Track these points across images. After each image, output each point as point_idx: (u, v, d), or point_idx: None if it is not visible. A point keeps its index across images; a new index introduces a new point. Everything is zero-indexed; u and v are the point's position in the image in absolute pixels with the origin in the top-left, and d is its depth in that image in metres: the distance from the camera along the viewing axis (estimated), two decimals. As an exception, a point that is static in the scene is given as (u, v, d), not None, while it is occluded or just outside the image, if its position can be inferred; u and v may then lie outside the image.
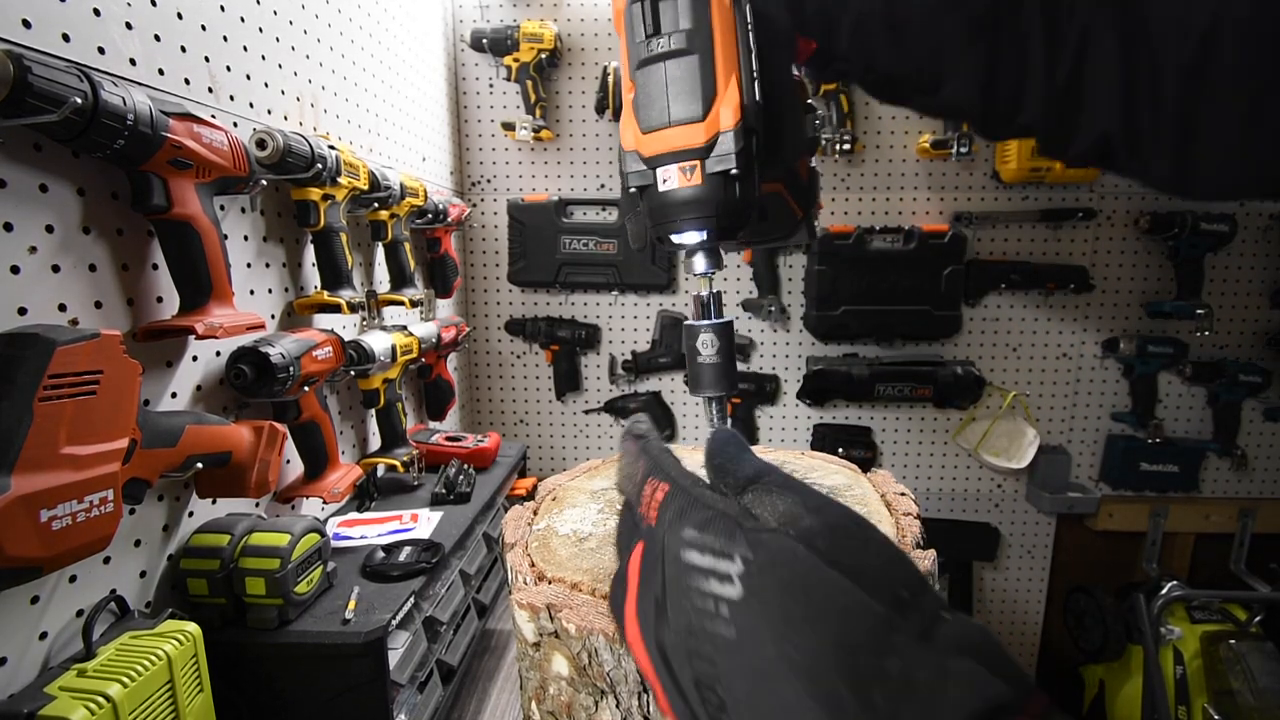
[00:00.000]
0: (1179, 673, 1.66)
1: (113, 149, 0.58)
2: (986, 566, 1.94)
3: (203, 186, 0.69)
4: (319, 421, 0.89)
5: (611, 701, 0.44)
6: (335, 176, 0.92)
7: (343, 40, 1.11)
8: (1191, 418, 1.84)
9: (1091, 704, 1.87)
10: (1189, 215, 1.66)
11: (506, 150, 1.78)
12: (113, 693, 0.49)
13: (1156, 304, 1.76)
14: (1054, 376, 1.83)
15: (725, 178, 0.43)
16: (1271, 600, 1.70)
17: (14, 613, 0.55)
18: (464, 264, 1.80)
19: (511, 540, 0.55)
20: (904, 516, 0.56)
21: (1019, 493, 1.89)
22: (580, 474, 0.70)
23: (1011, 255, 1.76)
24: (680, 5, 0.42)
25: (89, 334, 0.52)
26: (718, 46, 0.42)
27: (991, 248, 1.77)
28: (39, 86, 0.50)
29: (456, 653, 0.92)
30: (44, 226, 0.58)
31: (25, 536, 0.47)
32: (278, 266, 0.94)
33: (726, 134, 0.42)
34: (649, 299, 1.81)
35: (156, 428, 0.62)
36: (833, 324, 1.74)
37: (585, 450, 1.91)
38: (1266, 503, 1.85)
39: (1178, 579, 1.74)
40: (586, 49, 1.71)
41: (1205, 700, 1.63)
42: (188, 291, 0.70)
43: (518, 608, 0.46)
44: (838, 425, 1.86)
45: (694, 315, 0.48)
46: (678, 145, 0.43)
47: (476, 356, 1.88)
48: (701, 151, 0.43)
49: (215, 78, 0.80)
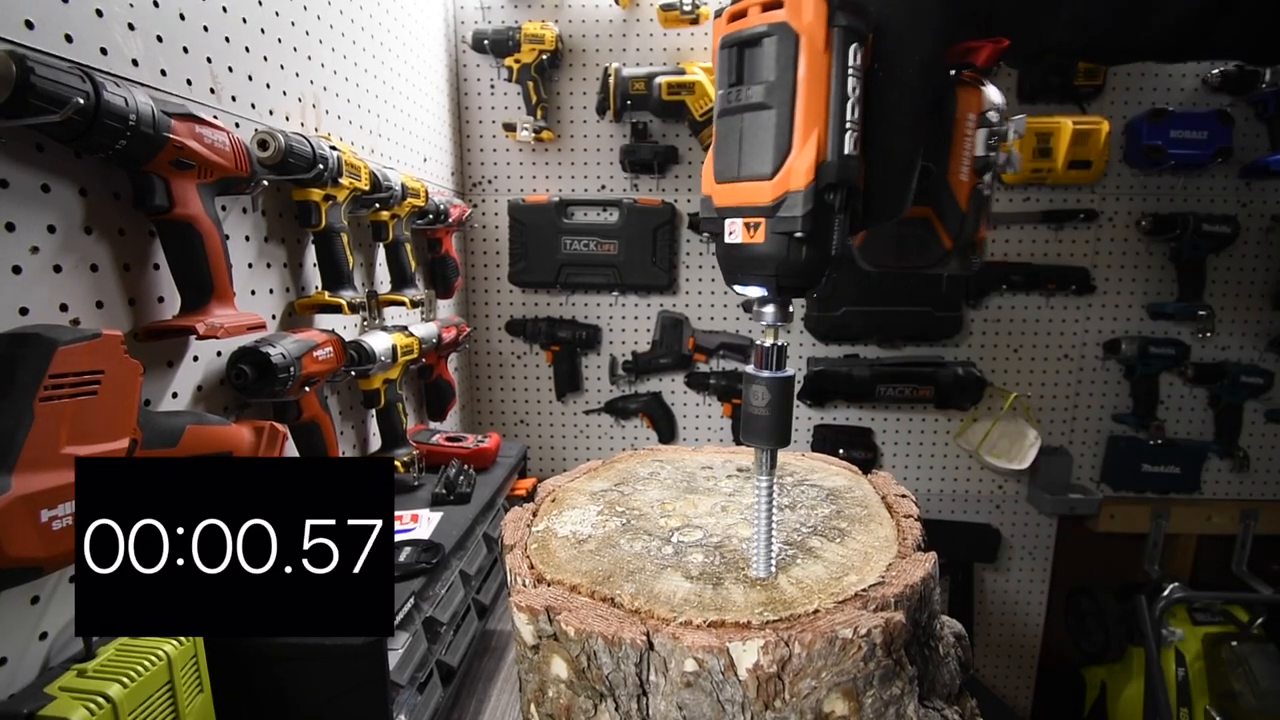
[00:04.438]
0: (1181, 674, 1.66)
1: (115, 149, 0.58)
2: (988, 568, 1.94)
3: (204, 187, 0.69)
4: (319, 422, 0.89)
5: (610, 705, 0.44)
6: (337, 177, 0.92)
7: (344, 41, 1.11)
8: (1193, 419, 1.84)
9: (1093, 706, 1.87)
10: (1190, 217, 1.66)
11: (507, 151, 1.78)
12: (113, 693, 0.49)
13: (1158, 305, 1.76)
14: (1055, 378, 1.83)
15: (790, 239, 0.41)
16: (1273, 602, 1.70)
17: (14, 613, 0.55)
18: (465, 264, 1.80)
19: (510, 542, 0.55)
20: (905, 518, 0.56)
21: (1020, 494, 1.89)
22: (580, 475, 0.70)
23: (1013, 256, 1.76)
24: (765, 55, 0.40)
25: (90, 334, 0.52)
26: (800, 99, 0.39)
27: (993, 249, 1.77)
28: (41, 87, 0.50)
29: (456, 653, 0.92)
30: (46, 226, 0.58)
31: (26, 536, 0.47)
32: (279, 267, 0.94)
33: (795, 195, 0.40)
34: (650, 300, 1.81)
35: (157, 428, 0.62)
36: (833, 324, 1.74)
37: (586, 451, 1.91)
38: (1268, 504, 1.85)
39: (1179, 581, 1.74)
40: (588, 50, 1.71)
41: (1207, 702, 1.62)
42: (189, 292, 0.70)
43: (516, 610, 0.46)
44: (838, 426, 1.85)
45: (754, 364, 0.46)
46: (745, 200, 0.42)
47: (477, 357, 1.88)
48: (767, 210, 0.41)
49: (217, 78, 0.80)
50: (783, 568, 0.49)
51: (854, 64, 0.40)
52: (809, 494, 0.63)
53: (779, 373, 0.45)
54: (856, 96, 0.40)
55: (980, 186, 0.52)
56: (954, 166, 0.52)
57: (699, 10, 1.58)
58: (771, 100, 0.40)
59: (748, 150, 0.41)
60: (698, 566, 0.50)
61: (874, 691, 0.41)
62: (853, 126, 0.40)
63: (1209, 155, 1.64)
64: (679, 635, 0.41)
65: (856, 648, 0.40)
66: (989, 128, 0.50)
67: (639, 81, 1.61)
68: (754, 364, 0.46)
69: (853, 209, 0.43)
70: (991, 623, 1.97)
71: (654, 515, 0.59)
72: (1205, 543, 1.90)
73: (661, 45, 1.70)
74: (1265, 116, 1.66)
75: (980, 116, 0.51)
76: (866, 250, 0.60)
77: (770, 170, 0.40)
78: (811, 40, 0.39)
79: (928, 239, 0.53)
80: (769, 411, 0.45)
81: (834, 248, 0.42)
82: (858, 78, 0.40)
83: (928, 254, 0.54)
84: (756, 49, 0.40)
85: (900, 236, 0.57)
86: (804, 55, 0.39)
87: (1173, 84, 1.69)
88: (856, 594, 0.45)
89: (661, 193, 1.77)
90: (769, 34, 0.40)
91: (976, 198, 0.52)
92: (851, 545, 0.52)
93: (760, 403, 0.45)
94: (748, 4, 0.41)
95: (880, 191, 0.44)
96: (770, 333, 0.46)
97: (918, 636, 0.48)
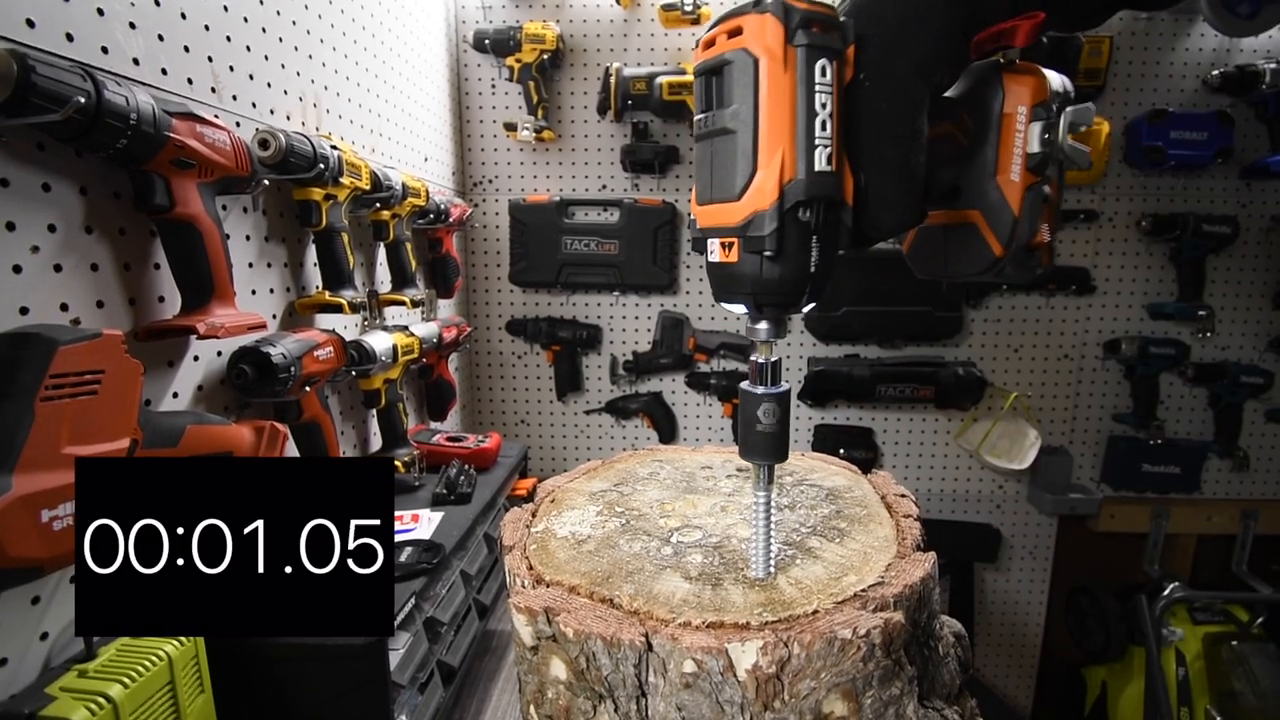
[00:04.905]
0: (1181, 674, 1.66)
1: (115, 148, 0.58)
2: (988, 568, 1.94)
3: (205, 186, 0.69)
4: (320, 422, 0.89)
5: (610, 706, 0.44)
6: (337, 176, 0.92)
7: (345, 41, 1.11)
8: (1193, 419, 1.84)
9: (1094, 705, 1.87)
10: (1190, 217, 1.66)
11: (508, 150, 1.78)
12: (114, 693, 0.49)
13: (1158, 305, 1.76)
14: (1055, 377, 1.83)
15: (761, 257, 0.41)
16: (1274, 601, 1.70)
17: (15, 613, 0.55)
18: (465, 264, 1.80)
19: (509, 543, 0.55)
20: (905, 518, 0.56)
21: (1020, 494, 1.89)
22: (579, 475, 0.70)
23: (1013, 256, 1.76)
24: (730, 80, 0.40)
25: (90, 334, 0.52)
26: (763, 120, 0.39)
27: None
28: (42, 86, 0.50)
29: (457, 654, 0.92)
30: (46, 226, 0.59)
31: (26, 536, 0.47)
32: (279, 266, 0.94)
33: (761, 214, 0.40)
34: (650, 299, 1.81)
35: (158, 428, 0.62)
36: (834, 324, 1.74)
37: (586, 451, 1.91)
38: (1268, 504, 1.85)
39: (1179, 580, 1.74)
40: (589, 50, 1.71)
41: (1207, 702, 1.63)
42: (189, 291, 0.70)
43: (515, 611, 0.46)
44: (839, 426, 1.85)
45: (750, 380, 0.46)
46: (719, 221, 0.42)
47: (478, 357, 1.88)
48: (738, 230, 0.41)
49: (218, 78, 0.80)
50: (782, 568, 0.49)
51: (823, 80, 0.39)
52: (808, 494, 0.63)
53: (774, 388, 0.45)
54: (829, 112, 0.40)
55: (1038, 186, 0.48)
56: (1003, 165, 0.48)
57: (700, 10, 1.58)
58: (736, 124, 0.40)
59: (718, 174, 0.42)
60: (697, 567, 0.50)
61: (873, 692, 0.41)
62: (824, 142, 0.40)
63: (1209, 156, 1.64)
64: (678, 636, 0.41)
65: (856, 648, 0.40)
66: (1044, 120, 0.46)
67: (640, 81, 1.61)
68: (749, 380, 0.46)
69: (838, 224, 0.42)
70: (992, 622, 1.97)
71: (653, 515, 0.59)
72: (1205, 542, 1.90)
73: (663, 45, 1.70)
74: (1265, 117, 1.65)
75: (1034, 108, 0.46)
76: (915, 258, 0.58)
77: (737, 193, 0.41)
78: (771, 62, 0.39)
79: (977, 245, 0.50)
80: (765, 427, 0.45)
81: (812, 265, 0.42)
82: (829, 94, 0.40)
83: (978, 261, 0.50)
84: (722, 76, 0.41)
85: (947, 242, 0.54)
86: (764, 77, 0.39)
87: (1173, 85, 1.69)
88: (856, 594, 0.45)
89: (662, 193, 1.77)
90: (730, 61, 0.40)
91: (1032, 199, 0.48)
92: (851, 545, 0.52)
93: (756, 419, 0.45)
94: (716, 33, 0.41)
95: (878, 203, 0.43)
96: (765, 349, 0.45)
97: (917, 636, 0.48)
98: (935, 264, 0.55)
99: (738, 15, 0.40)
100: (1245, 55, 1.67)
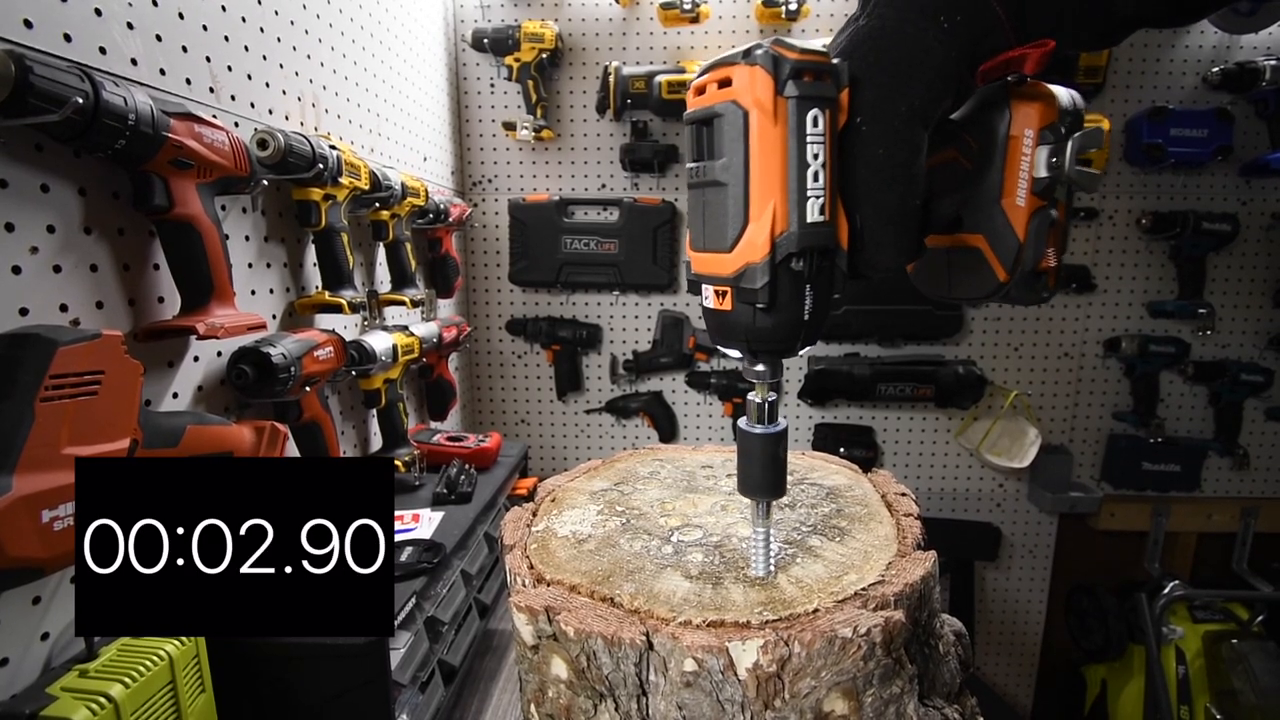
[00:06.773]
0: (1181, 672, 1.66)
1: (114, 149, 0.58)
2: (988, 566, 1.94)
3: (204, 186, 0.69)
4: (320, 422, 0.89)
5: (610, 705, 0.44)
6: (336, 176, 0.92)
7: (344, 40, 1.11)
8: (1193, 417, 1.84)
9: (1094, 704, 1.87)
10: (1190, 215, 1.66)
11: (508, 150, 1.78)
12: (114, 693, 0.49)
13: (1158, 303, 1.76)
14: (1056, 376, 1.83)
15: (754, 308, 0.41)
16: (1274, 600, 1.70)
17: (15, 613, 0.55)
18: (465, 264, 1.80)
19: (510, 542, 0.55)
20: (905, 517, 0.56)
21: (1020, 492, 1.89)
22: (579, 475, 0.70)
23: (1013, 255, 1.76)
24: (719, 133, 0.40)
25: (90, 334, 0.52)
26: (754, 174, 0.39)
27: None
28: (40, 86, 0.50)
29: (458, 653, 0.93)
30: (45, 227, 0.58)
31: (27, 537, 0.47)
32: (279, 266, 0.94)
33: (754, 267, 0.40)
34: (650, 299, 1.81)
35: (158, 428, 0.62)
36: (834, 323, 1.74)
37: (586, 450, 1.91)
38: (1268, 502, 1.85)
39: (1179, 578, 1.74)
40: (588, 49, 1.71)
41: (1207, 700, 1.63)
42: (189, 292, 0.70)
43: (516, 610, 0.46)
44: (839, 425, 1.85)
45: (748, 419, 0.46)
46: (712, 270, 0.42)
47: (478, 356, 1.88)
48: (731, 280, 0.41)
49: (217, 78, 0.80)
50: (782, 567, 0.49)
51: (815, 130, 0.38)
52: (809, 492, 0.63)
53: (771, 428, 0.45)
54: (821, 162, 0.39)
55: (1044, 210, 0.46)
56: (1008, 189, 0.46)
57: (699, 9, 1.58)
58: (727, 177, 0.40)
59: (710, 224, 0.42)
60: (697, 566, 0.50)
61: (874, 690, 0.41)
62: (816, 194, 0.39)
63: (1209, 153, 1.64)
64: (678, 635, 0.41)
65: (856, 647, 0.40)
66: (1051, 144, 0.45)
67: (639, 80, 1.61)
68: (746, 419, 0.46)
69: (832, 270, 0.42)
70: (992, 621, 1.97)
71: (654, 515, 0.59)
72: (1205, 540, 1.90)
73: (662, 44, 1.70)
74: (1265, 114, 1.65)
75: (1041, 131, 0.45)
76: (919, 278, 0.57)
77: (729, 245, 0.40)
78: (761, 115, 0.38)
79: (981, 269, 0.48)
80: (762, 466, 0.45)
81: (806, 313, 0.41)
82: (821, 143, 0.39)
83: (982, 285, 0.49)
84: (712, 127, 0.40)
85: (950, 265, 0.53)
86: (754, 131, 0.38)
87: (1173, 82, 1.69)
88: (856, 593, 0.45)
89: (662, 192, 1.77)
90: (720, 113, 0.39)
91: (1038, 224, 0.46)
92: (851, 544, 0.52)
93: (753, 457, 0.45)
94: (706, 80, 0.41)
95: (874, 245, 0.43)
96: (761, 389, 0.45)
97: (918, 635, 0.48)
98: (939, 285, 0.55)
99: (728, 65, 0.39)
100: (1245, 52, 1.67)
